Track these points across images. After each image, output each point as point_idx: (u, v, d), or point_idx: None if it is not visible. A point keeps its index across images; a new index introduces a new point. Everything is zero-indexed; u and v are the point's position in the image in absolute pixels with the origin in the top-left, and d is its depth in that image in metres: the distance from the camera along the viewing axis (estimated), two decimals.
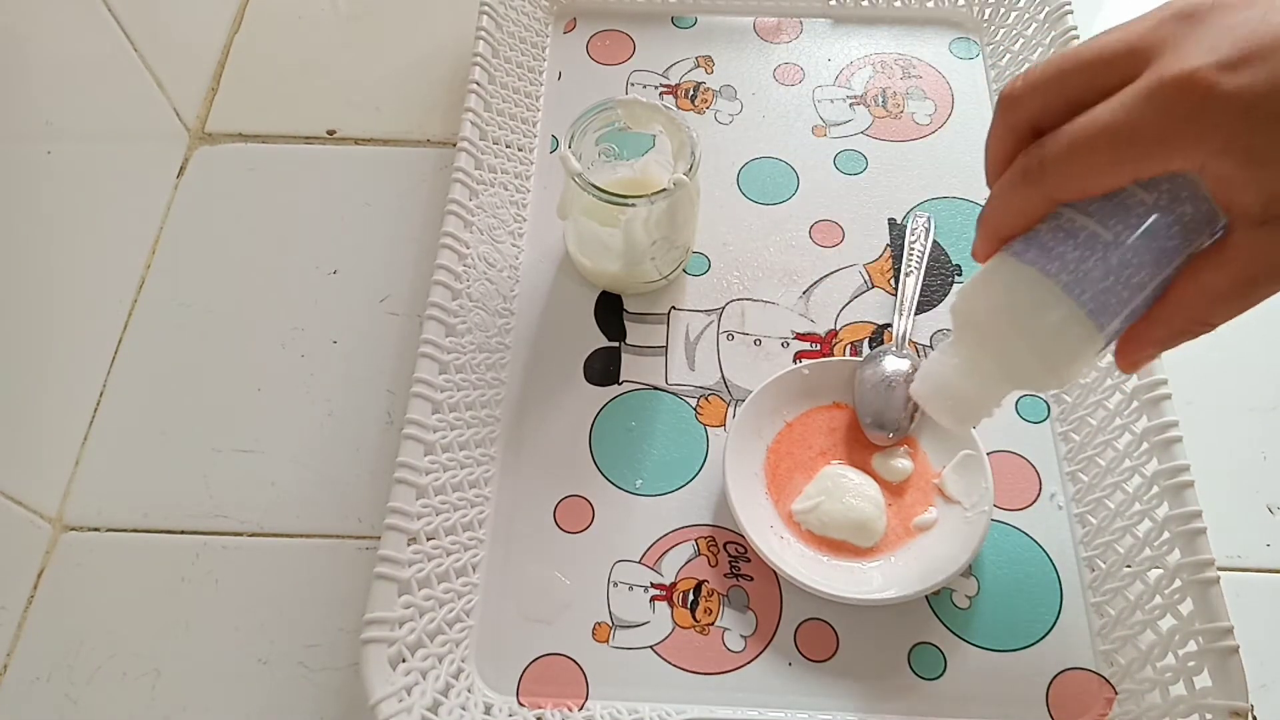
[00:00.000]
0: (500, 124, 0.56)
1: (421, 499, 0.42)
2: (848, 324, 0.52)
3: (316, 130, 0.60)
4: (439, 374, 0.45)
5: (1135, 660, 0.41)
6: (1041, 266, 0.29)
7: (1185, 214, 0.28)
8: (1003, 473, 0.47)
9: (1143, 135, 0.26)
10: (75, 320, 0.50)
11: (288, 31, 0.64)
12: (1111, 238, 0.28)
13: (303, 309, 0.54)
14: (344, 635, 0.45)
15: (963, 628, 0.44)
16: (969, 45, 0.62)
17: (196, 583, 0.46)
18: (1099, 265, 0.28)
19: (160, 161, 0.58)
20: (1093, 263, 0.28)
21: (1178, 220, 0.28)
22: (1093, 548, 0.45)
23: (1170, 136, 0.25)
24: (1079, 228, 0.29)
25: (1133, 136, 0.26)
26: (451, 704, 0.40)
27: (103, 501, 0.48)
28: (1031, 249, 0.30)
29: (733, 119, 0.59)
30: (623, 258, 0.49)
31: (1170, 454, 0.42)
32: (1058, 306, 0.29)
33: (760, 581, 0.45)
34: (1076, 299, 0.29)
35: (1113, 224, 0.28)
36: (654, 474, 0.48)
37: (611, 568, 0.45)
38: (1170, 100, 0.25)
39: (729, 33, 0.63)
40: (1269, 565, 0.46)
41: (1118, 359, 0.31)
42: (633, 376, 0.50)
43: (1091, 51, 0.27)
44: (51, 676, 0.44)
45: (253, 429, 0.50)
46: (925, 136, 0.58)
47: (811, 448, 0.48)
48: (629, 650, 0.43)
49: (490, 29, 0.56)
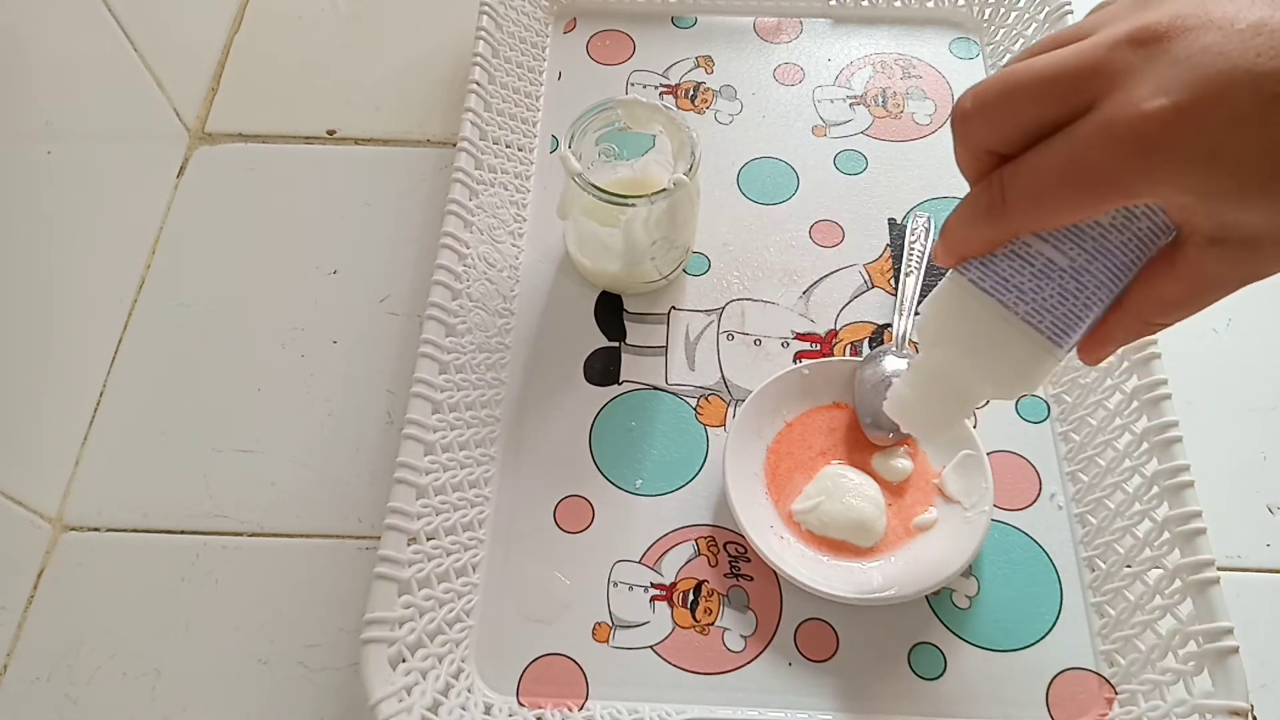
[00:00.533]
0: (500, 124, 0.56)
1: (421, 499, 0.42)
2: (848, 324, 0.52)
3: (316, 130, 0.60)
4: (439, 374, 0.45)
5: (1135, 660, 0.41)
6: (1000, 297, 0.30)
7: (1141, 229, 0.28)
8: (1003, 473, 0.47)
9: (1101, 179, 0.26)
10: (75, 320, 0.50)
11: (288, 31, 0.64)
12: (1068, 263, 0.29)
13: (303, 309, 0.54)
14: (344, 635, 0.45)
15: (963, 628, 0.44)
16: (969, 45, 0.62)
17: (196, 583, 0.46)
18: (1057, 291, 0.29)
19: (160, 161, 0.58)
20: (1051, 290, 0.29)
21: (1134, 236, 0.28)
22: (1093, 548, 0.45)
23: (1128, 179, 0.25)
24: (1035, 254, 0.29)
25: (1091, 181, 0.26)
26: (451, 704, 0.40)
27: (103, 501, 0.48)
28: (989, 277, 0.30)
29: (733, 119, 0.59)
30: (623, 258, 0.49)
31: (1170, 454, 0.42)
32: (1018, 336, 0.30)
33: (760, 581, 0.45)
34: (1035, 326, 0.30)
35: (1069, 249, 0.29)
36: (654, 474, 0.48)
37: (611, 568, 0.45)
38: (1127, 147, 0.25)
39: (729, 33, 0.63)
40: (1269, 565, 0.46)
41: (1081, 357, 0.32)
42: (633, 376, 0.50)
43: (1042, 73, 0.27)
44: (51, 676, 0.44)
45: (253, 429, 0.50)
46: (925, 136, 0.58)
47: (811, 448, 0.48)
48: (629, 650, 0.43)
49: (490, 29, 0.56)
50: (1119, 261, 0.29)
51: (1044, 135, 0.27)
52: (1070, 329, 0.30)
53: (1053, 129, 0.27)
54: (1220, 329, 0.53)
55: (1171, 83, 0.24)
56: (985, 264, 0.30)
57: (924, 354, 0.35)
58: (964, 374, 0.34)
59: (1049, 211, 0.28)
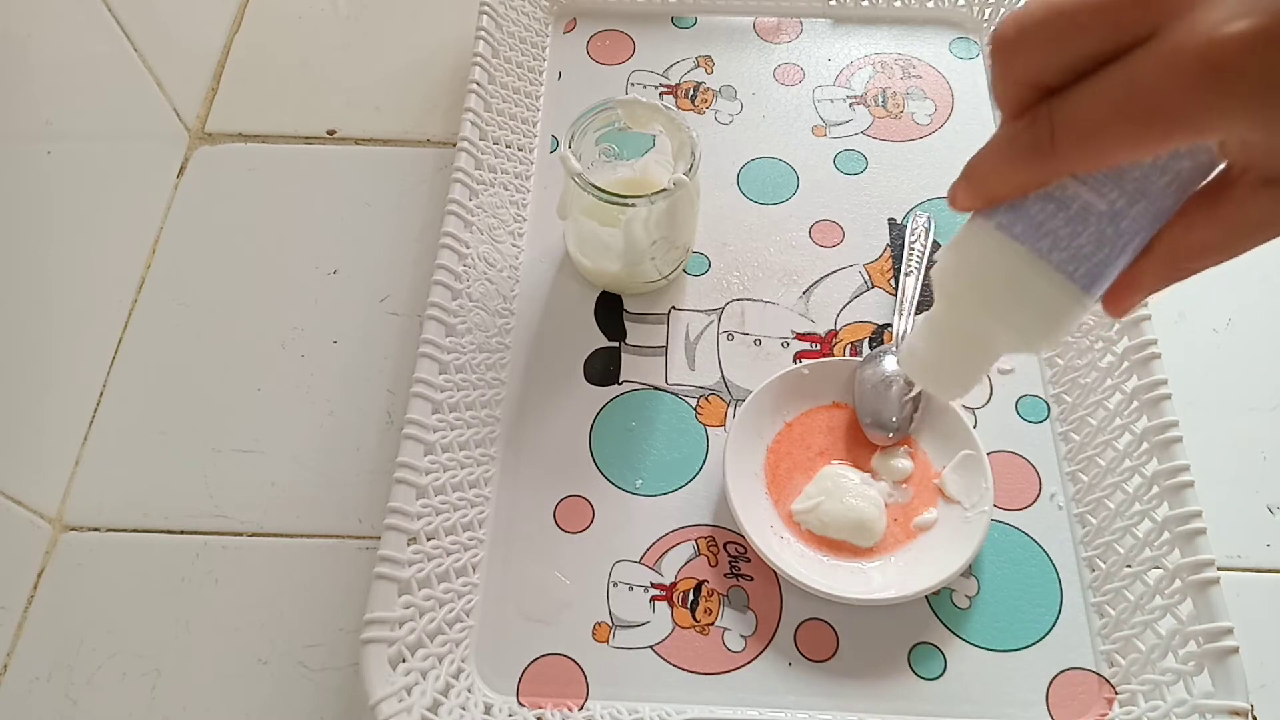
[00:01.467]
0: (500, 124, 0.56)
1: (421, 499, 0.42)
2: (848, 324, 0.52)
3: (316, 130, 0.60)
4: (439, 374, 0.45)
5: (1135, 660, 0.41)
6: (1032, 245, 0.28)
7: (1183, 169, 0.26)
8: (1003, 473, 0.47)
9: (1165, 114, 0.23)
10: (75, 320, 0.50)
11: (288, 31, 0.64)
12: (1106, 207, 0.27)
13: (303, 309, 0.54)
14: (344, 635, 0.45)
15: (963, 628, 0.44)
16: (969, 45, 0.62)
17: (196, 583, 0.46)
18: (1093, 238, 0.27)
19: (160, 161, 0.58)
20: (1086, 236, 0.27)
21: (1175, 178, 0.27)
22: (1093, 548, 0.45)
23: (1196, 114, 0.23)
24: (1071, 197, 0.27)
25: (1154, 116, 0.23)
26: (451, 704, 0.40)
27: (103, 501, 0.48)
28: (1019, 222, 0.28)
29: (733, 119, 0.59)
30: (623, 258, 0.49)
31: (1170, 454, 0.42)
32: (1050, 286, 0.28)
33: (760, 581, 0.45)
34: (1069, 275, 0.28)
35: (1108, 191, 0.27)
36: (654, 474, 0.48)
37: (611, 568, 0.45)
38: (1195, 76, 0.22)
39: (729, 33, 0.63)
40: (1269, 565, 0.46)
41: (1106, 307, 0.30)
42: (633, 376, 0.50)
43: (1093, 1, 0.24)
44: (51, 676, 0.44)
45: (253, 429, 0.50)
46: (925, 136, 0.58)
47: (811, 448, 0.48)
48: (629, 650, 0.43)
49: (490, 29, 0.56)
50: (1158, 206, 0.27)
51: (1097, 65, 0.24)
52: (1103, 277, 0.28)
53: (1108, 58, 0.24)
54: (1220, 329, 0.53)
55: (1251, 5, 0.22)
56: (1015, 208, 0.28)
57: (941, 305, 0.33)
58: (986, 326, 0.31)
59: (1103, 151, 0.25)
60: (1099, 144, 0.25)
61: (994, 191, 0.28)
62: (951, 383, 0.34)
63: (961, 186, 0.29)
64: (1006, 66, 0.26)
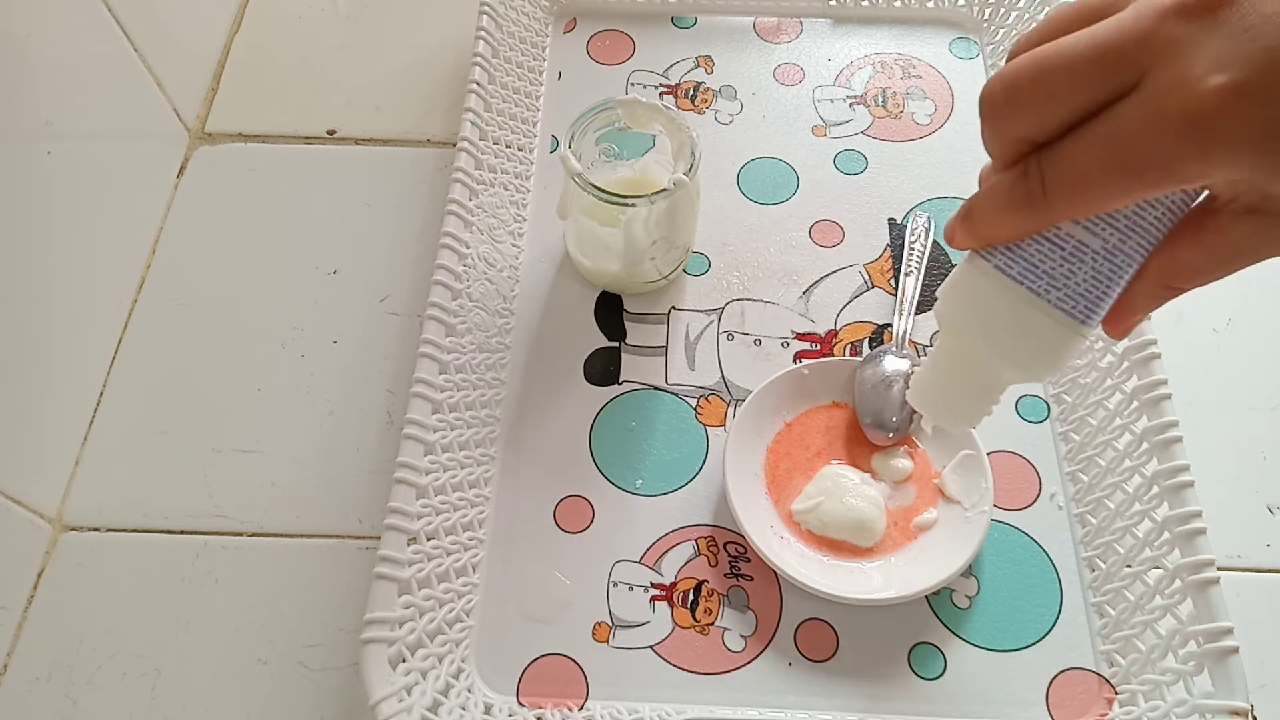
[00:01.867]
0: (500, 124, 0.56)
1: (421, 499, 0.42)
2: (848, 324, 0.52)
3: (316, 130, 0.60)
4: (439, 374, 0.45)
5: (1135, 660, 0.41)
6: (1030, 285, 0.29)
7: (1173, 200, 0.27)
8: (1003, 473, 0.47)
9: (1151, 165, 0.24)
10: (75, 320, 0.50)
11: (288, 31, 0.64)
12: (1100, 245, 0.28)
13: (303, 309, 0.54)
14: (344, 635, 0.45)
15: (963, 628, 0.44)
16: (969, 45, 0.62)
17: (196, 583, 0.46)
18: (1089, 275, 0.28)
19: (160, 161, 0.58)
20: (1083, 274, 0.28)
21: (1165, 209, 0.27)
22: (1093, 548, 0.45)
23: (1181, 164, 0.24)
24: (1065, 237, 0.28)
25: (1140, 168, 0.24)
26: (451, 704, 0.40)
27: (103, 501, 0.48)
28: (1017, 264, 0.29)
29: (733, 119, 0.59)
30: (623, 258, 0.49)
31: (1170, 454, 0.42)
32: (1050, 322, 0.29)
33: (760, 581, 0.45)
34: (1067, 311, 0.29)
35: (1102, 230, 0.28)
36: (654, 474, 0.48)
37: (611, 568, 0.45)
38: (1179, 129, 0.23)
39: (729, 33, 0.63)
40: (1269, 565, 0.46)
41: (1106, 329, 0.31)
42: (633, 376, 0.50)
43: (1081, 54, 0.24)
44: (51, 676, 0.44)
45: (253, 429, 0.50)
46: (925, 136, 0.58)
47: (811, 448, 0.48)
48: (629, 650, 0.43)
49: (490, 29, 0.56)
50: (1150, 236, 0.28)
51: (1083, 118, 0.25)
52: (1099, 308, 0.29)
53: (1093, 111, 0.25)
54: (1220, 329, 0.53)
55: (1230, 58, 0.22)
56: (1012, 249, 0.29)
57: (945, 342, 0.34)
58: (990, 362, 0.32)
59: (1093, 201, 0.26)
60: (1089, 195, 0.26)
61: (991, 235, 0.29)
62: (961, 415, 0.35)
63: (960, 228, 0.30)
64: (997, 127, 0.27)
